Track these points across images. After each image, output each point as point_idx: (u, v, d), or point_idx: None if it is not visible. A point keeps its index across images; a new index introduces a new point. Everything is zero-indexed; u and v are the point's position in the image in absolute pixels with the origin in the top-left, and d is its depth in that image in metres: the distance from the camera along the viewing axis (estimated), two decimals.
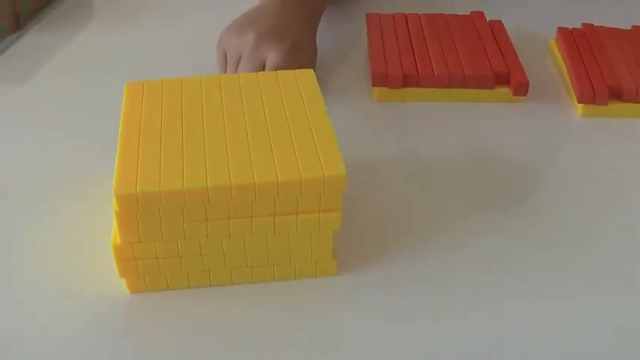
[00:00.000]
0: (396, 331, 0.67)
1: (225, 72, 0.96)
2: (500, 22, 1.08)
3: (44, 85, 1.00)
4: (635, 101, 0.95)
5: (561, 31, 1.07)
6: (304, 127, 0.70)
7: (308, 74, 0.78)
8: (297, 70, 0.79)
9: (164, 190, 0.63)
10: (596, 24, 1.09)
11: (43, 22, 1.15)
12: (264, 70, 0.92)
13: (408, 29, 1.06)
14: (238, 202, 0.65)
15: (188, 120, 0.71)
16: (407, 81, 0.96)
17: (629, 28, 1.09)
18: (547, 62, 1.06)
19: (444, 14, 1.10)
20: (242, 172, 0.65)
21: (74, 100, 0.97)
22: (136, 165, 0.66)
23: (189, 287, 0.70)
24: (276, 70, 0.89)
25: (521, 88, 0.96)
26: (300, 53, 0.94)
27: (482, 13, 1.10)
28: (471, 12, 1.11)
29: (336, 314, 0.69)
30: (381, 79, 0.96)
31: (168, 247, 0.67)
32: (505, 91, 0.97)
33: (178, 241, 0.67)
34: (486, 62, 0.98)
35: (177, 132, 0.70)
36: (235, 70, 0.94)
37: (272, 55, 0.91)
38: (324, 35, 1.11)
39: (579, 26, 1.09)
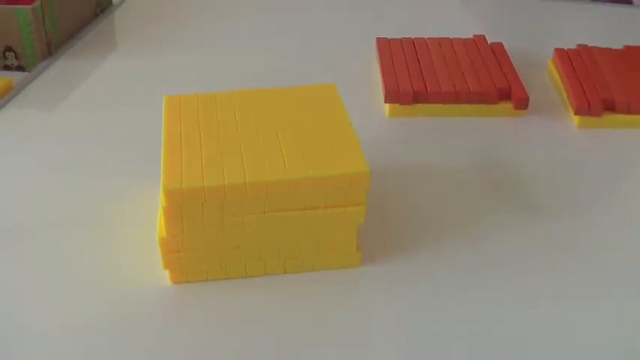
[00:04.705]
0: (417, 321, 0.73)
1: None
2: (500, 44, 1.16)
3: (75, 109, 1.08)
4: (628, 112, 1.02)
5: (558, 51, 1.15)
6: (330, 132, 0.78)
7: (331, 88, 0.85)
8: (321, 85, 0.86)
9: (207, 185, 0.70)
10: (590, 45, 1.17)
11: (73, 50, 1.22)
12: None
13: (416, 51, 1.13)
14: (273, 197, 0.72)
15: (224, 126, 0.79)
16: (417, 97, 1.04)
17: (621, 47, 1.16)
18: (545, 79, 1.14)
19: (448, 38, 1.17)
20: (276, 169, 0.72)
21: (105, 121, 1.04)
22: (180, 164, 0.73)
23: (227, 278, 0.77)
24: None
25: (522, 103, 1.04)
26: None
27: (483, 36, 1.18)
28: (474, 35, 1.18)
29: (359, 303, 0.75)
30: (392, 96, 1.03)
31: (209, 240, 0.74)
32: (507, 105, 1.05)
33: (218, 235, 0.74)
34: (489, 79, 1.06)
35: (215, 136, 0.77)
36: None
37: None
38: (336, 57, 1.19)
39: (575, 47, 1.17)
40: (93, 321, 0.73)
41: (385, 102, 1.04)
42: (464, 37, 1.18)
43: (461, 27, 1.27)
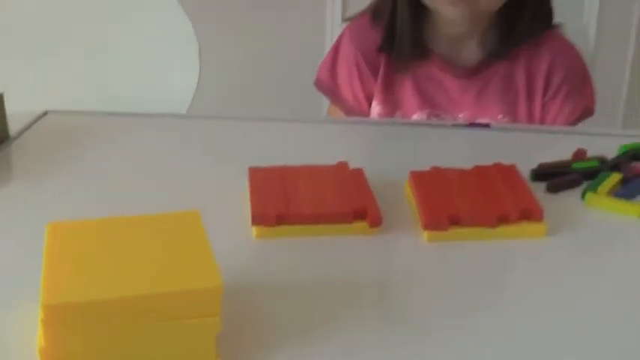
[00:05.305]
0: None
1: None
2: (361, 169, 1.29)
3: None
4: (471, 226, 1.15)
5: (413, 173, 1.28)
6: (191, 252, 0.90)
7: (194, 214, 0.96)
8: (186, 211, 0.97)
9: (81, 300, 0.81)
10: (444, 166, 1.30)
11: None
12: None
13: (283, 178, 1.25)
14: (136, 311, 0.83)
15: (99, 248, 0.90)
16: (280, 219, 1.15)
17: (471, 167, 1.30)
18: (401, 200, 1.26)
19: (314, 165, 1.30)
20: (139, 285, 0.84)
21: None
22: (58, 282, 0.84)
23: None
24: None
25: (376, 221, 1.16)
26: None
27: (346, 163, 1.30)
28: (338, 162, 1.31)
29: None
30: (258, 218, 1.15)
31: (84, 349, 0.83)
32: (363, 224, 1.16)
33: (91, 345, 0.83)
34: (346, 201, 1.19)
35: (89, 257, 0.88)
36: None
37: None
38: (209, 187, 1.31)
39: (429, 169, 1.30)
40: None
41: (252, 225, 1.15)
42: (329, 164, 1.31)
43: (328, 156, 1.37)
